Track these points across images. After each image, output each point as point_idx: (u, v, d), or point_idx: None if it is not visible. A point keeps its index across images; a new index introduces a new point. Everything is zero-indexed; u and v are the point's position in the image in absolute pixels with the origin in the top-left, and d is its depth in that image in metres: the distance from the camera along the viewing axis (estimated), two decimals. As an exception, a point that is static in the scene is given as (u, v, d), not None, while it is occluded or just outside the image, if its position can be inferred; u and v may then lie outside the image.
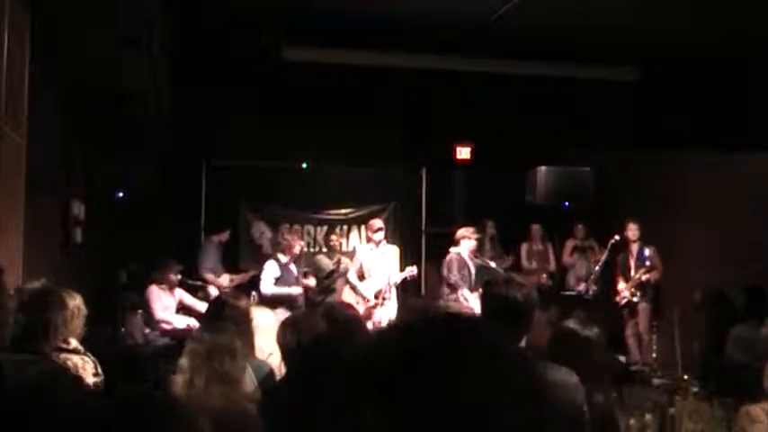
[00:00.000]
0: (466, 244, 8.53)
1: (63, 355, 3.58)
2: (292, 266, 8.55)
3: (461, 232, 8.64)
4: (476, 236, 8.72)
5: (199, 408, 2.89)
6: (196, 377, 3.01)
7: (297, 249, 8.63)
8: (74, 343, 3.64)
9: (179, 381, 3.05)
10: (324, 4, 6.77)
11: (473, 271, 8.45)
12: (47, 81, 5.52)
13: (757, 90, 7.76)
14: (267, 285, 8.28)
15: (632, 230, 9.19)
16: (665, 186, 9.51)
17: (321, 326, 3.45)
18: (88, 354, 3.72)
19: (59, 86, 6.24)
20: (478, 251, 8.98)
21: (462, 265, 8.44)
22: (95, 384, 3.65)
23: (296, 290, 8.48)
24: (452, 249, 8.60)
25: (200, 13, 6.72)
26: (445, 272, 8.50)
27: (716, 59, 7.56)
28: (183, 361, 3.12)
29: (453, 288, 8.33)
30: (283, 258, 8.46)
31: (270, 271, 8.35)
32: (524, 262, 10.43)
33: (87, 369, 3.60)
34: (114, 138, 7.63)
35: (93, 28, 5.27)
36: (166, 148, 8.40)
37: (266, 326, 4.24)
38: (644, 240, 9.14)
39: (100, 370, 3.74)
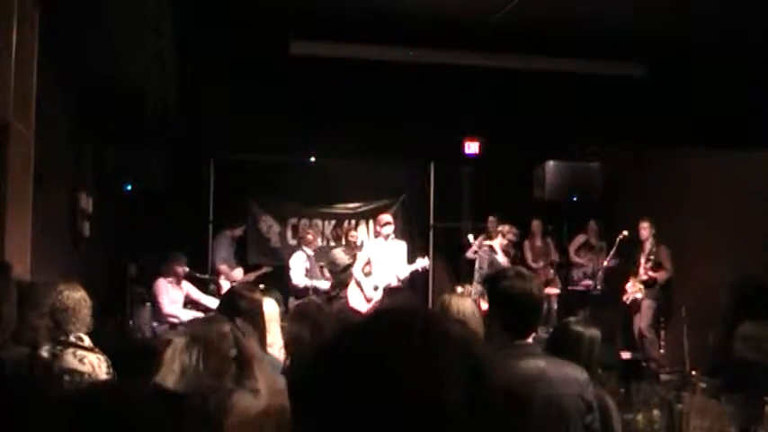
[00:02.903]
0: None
1: (80, 353, 3.58)
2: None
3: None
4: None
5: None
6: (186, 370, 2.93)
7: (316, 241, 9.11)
8: (87, 340, 3.64)
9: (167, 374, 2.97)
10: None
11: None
12: (55, 76, 5.52)
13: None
14: (299, 277, 8.71)
15: (644, 229, 9.11)
16: (674, 182, 9.45)
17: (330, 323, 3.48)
18: (99, 352, 3.74)
19: (68, 82, 6.25)
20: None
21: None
22: None
23: (324, 284, 8.83)
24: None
25: (206, 9, 6.72)
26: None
27: (717, 58, 7.52)
28: (168, 353, 3.03)
29: None
30: (309, 251, 8.88)
31: (299, 262, 8.75)
32: (528, 258, 10.41)
33: (102, 368, 3.61)
34: (122, 131, 7.64)
35: (101, 25, 5.27)
36: (174, 142, 8.41)
37: (271, 315, 4.26)
38: (657, 239, 9.07)
39: (110, 368, 3.76)
